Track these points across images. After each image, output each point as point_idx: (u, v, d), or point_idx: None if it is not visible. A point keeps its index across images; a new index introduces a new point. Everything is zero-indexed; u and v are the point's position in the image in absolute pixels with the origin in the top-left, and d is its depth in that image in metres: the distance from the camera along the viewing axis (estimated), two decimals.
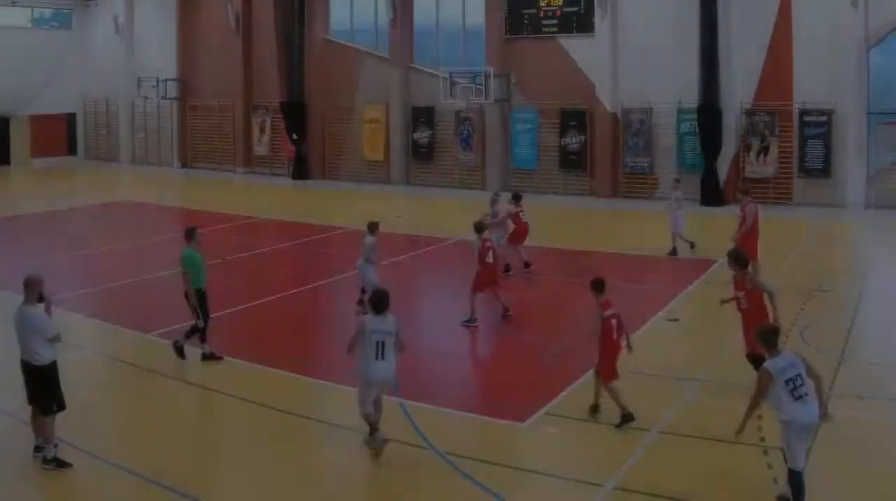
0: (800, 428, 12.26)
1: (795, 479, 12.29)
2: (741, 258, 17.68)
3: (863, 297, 25.34)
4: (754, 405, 12.81)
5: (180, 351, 19.89)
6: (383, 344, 14.96)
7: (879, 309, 24.75)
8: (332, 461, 15.26)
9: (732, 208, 41.26)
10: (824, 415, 12.57)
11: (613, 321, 16.47)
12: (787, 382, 12.26)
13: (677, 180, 34.43)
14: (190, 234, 20.41)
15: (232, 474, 14.99)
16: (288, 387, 18.51)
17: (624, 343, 16.73)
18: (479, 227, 23.85)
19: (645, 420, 15.75)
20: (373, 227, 24.61)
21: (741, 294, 17.37)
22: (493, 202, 29.95)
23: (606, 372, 16.27)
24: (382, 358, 14.92)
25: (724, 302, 18.26)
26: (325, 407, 17.51)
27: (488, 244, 23.35)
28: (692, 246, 31.48)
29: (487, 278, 22.99)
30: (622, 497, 13.24)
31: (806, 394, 12.28)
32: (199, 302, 19.89)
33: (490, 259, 23.04)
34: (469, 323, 22.65)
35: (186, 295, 20.01)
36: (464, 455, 14.58)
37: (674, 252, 31.49)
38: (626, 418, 15.92)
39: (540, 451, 15.46)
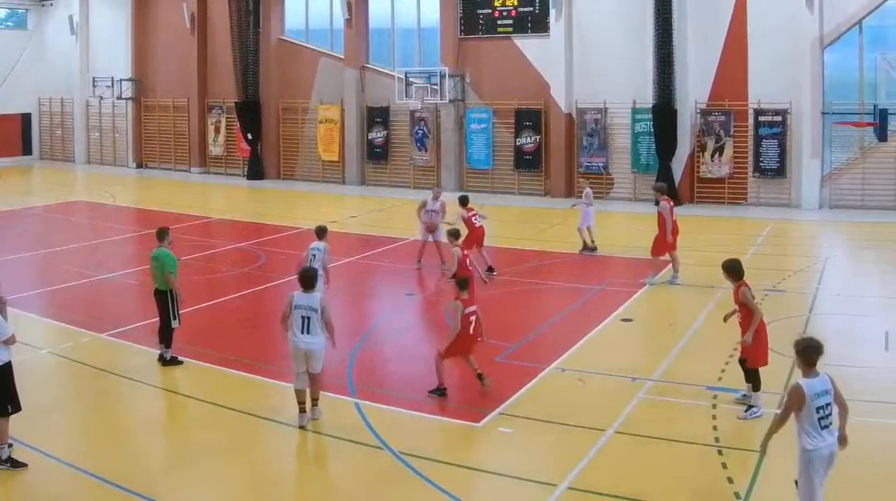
0: (821, 458, 11.17)
1: None
2: (733, 269, 16.92)
3: (818, 297, 24.79)
4: (782, 421, 11.58)
5: (174, 361, 19.40)
6: (309, 319, 15.67)
7: (834, 308, 24.11)
8: (289, 461, 15.12)
9: (687, 208, 41.39)
10: (843, 441, 11.46)
11: (472, 317, 16.91)
12: (818, 409, 11.18)
13: (586, 178, 34.27)
14: (162, 234, 19.91)
15: (189, 475, 14.49)
16: (245, 388, 18.08)
17: (480, 339, 17.38)
18: (455, 234, 22.56)
19: (600, 421, 15.53)
20: (323, 232, 22.81)
21: (736, 305, 16.69)
22: (436, 197, 29.05)
23: (450, 353, 16.86)
24: (307, 332, 15.66)
25: (727, 317, 17.26)
26: (282, 408, 16.77)
27: (466, 251, 22.26)
28: (593, 247, 31.16)
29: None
30: (577, 497, 12.97)
31: (831, 424, 11.32)
32: (172, 302, 19.34)
33: (471, 267, 21.85)
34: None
35: (157, 296, 19.45)
36: (419, 455, 14.34)
37: (586, 247, 31.09)
38: (439, 391, 16.86)
39: (495, 451, 15.17)
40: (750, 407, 15.84)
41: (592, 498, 12.89)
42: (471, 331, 17.04)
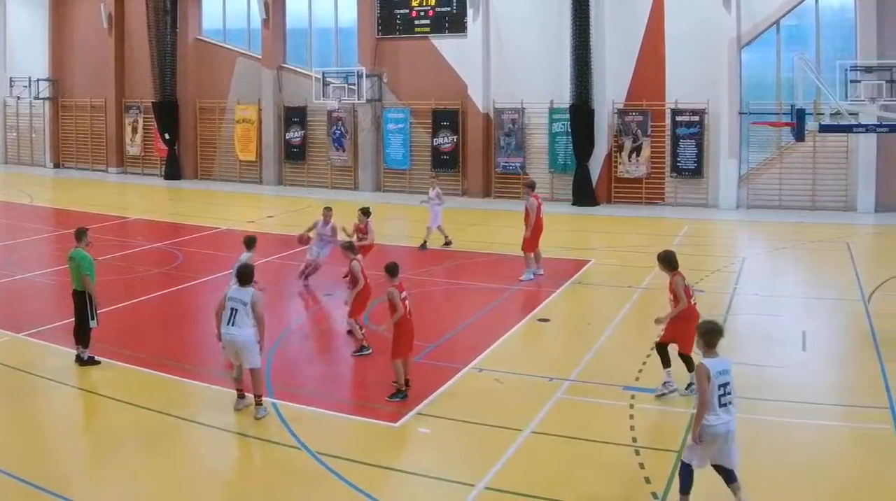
0: (715, 434, 11.26)
1: (682, 469, 11.58)
2: (667, 259, 16.43)
3: (735, 297, 23.68)
4: (702, 402, 11.36)
5: (91, 361, 18.13)
6: (236, 311, 15.30)
7: (752, 308, 22.77)
8: (208, 462, 14.15)
9: (604, 208, 40.24)
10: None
11: (408, 302, 16.38)
12: (719, 386, 11.31)
13: (435, 177, 32.75)
14: (80, 235, 18.67)
15: (106, 475, 13.60)
16: (162, 388, 17.00)
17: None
18: (351, 247, 20.05)
19: (517, 421, 14.88)
20: (251, 242, 20.61)
21: (670, 296, 16.31)
22: (326, 216, 26.06)
23: (399, 350, 16.17)
24: (233, 324, 15.29)
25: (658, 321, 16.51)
26: (200, 408, 16.05)
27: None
28: (448, 241, 30.27)
29: (366, 298, 19.45)
30: (494, 497, 12.38)
31: (731, 403, 11.43)
32: (89, 302, 18.18)
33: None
34: (361, 352, 18.88)
35: (73, 296, 18.27)
36: (337, 455, 13.67)
37: (423, 246, 30.01)
38: (400, 394, 16.04)
39: (413, 451, 14.61)
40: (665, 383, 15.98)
41: (509, 498, 12.31)
42: (409, 316, 16.36)
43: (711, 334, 11.62)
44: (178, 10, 51.95)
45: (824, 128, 24.09)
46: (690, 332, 14.78)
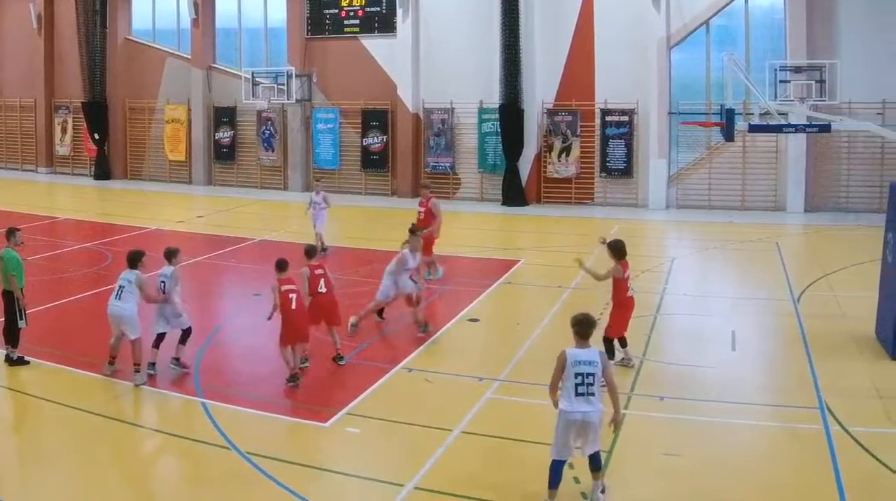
0: (572, 421, 11.19)
1: (551, 466, 11.33)
2: (615, 247, 16.83)
3: (665, 297, 22.64)
4: (552, 386, 11.51)
5: (20, 361, 17.24)
6: (122, 288, 16.03)
7: (681, 308, 21.80)
8: (137, 462, 13.54)
9: (534, 208, 38.60)
10: (614, 421, 11.50)
11: (292, 295, 16.20)
12: (576, 375, 11.20)
13: (318, 180, 30.74)
14: (9, 235, 17.80)
15: (35, 475, 12.81)
16: (92, 388, 16.09)
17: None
18: (311, 252, 18.06)
19: (447, 421, 14.28)
20: (172, 255, 17.25)
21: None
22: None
23: (283, 339, 16.14)
24: (119, 299, 16.01)
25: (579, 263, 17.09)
26: (129, 408, 15.50)
27: (319, 272, 17.72)
28: (324, 249, 27.15)
29: (319, 310, 17.38)
30: (424, 497, 11.90)
31: (592, 395, 11.19)
32: (18, 302, 17.29)
33: (322, 288, 17.37)
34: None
35: (3, 296, 17.40)
36: (266, 455, 13.01)
37: (323, 249, 27.22)
38: (293, 378, 15.99)
39: (342, 451, 13.80)
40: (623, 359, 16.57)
41: (439, 498, 11.83)
42: (293, 307, 16.11)
43: (582, 325, 11.46)
44: (108, 10, 48.55)
45: (754, 129, 22.78)
46: (617, 316, 16.42)
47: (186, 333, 16.84)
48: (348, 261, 26.96)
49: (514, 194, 38.80)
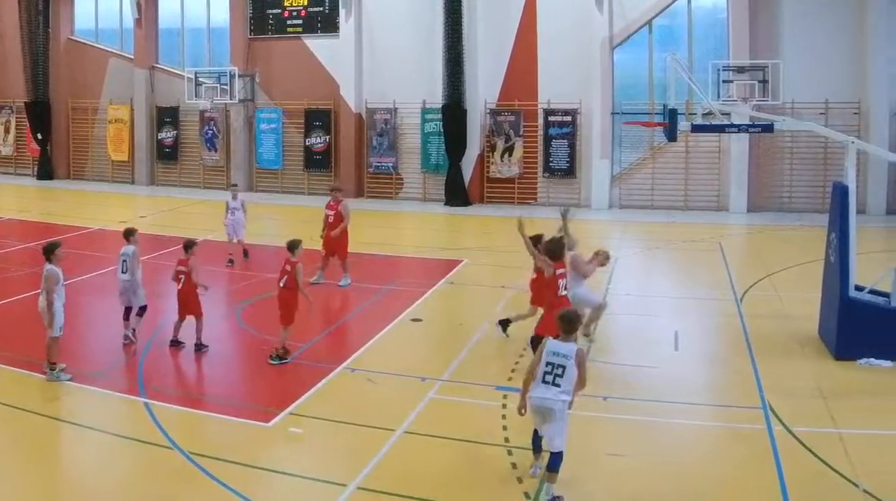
0: (531, 407, 11.18)
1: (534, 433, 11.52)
2: (550, 250, 15.44)
3: (608, 297, 20.77)
4: (529, 368, 11.41)
5: None
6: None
7: (624, 309, 20.64)
8: (79, 462, 12.90)
9: (477, 208, 36.70)
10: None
11: (181, 276, 16.77)
12: (547, 364, 11.06)
13: (235, 185, 28.30)
14: None
15: None
16: (35, 388, 15.35)
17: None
18: (293, 246, 17.42)
19: (389, 421, 13.70)
20: (130, 233, 18.02)
21: (571, 272, 16.36)
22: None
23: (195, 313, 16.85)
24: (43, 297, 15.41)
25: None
26: (73, 408, 14.59)
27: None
28: (231, 261, 25.29)
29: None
30: (366, 497, 11.32)
31: (557, 385, 10.98)
32: None
33: (283, 283, 17.21)
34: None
35: None
36: (210, 455, 12.43)
37: (242, 255, 25.71)
38: (175, 341, 16.69)
39: (285, 451, 13.12)
40: None
41: (382, 499, 11.34)
42: (179, 286, 16.87)
43: (564, 321, 11.37)
44: (51, 10, 45.65)
45: (696, 129, 21.30)
46: (551, 319, 14.14)
47: (143, 309, 17.46)
48: (268, 260, 25.36)
49: (456, 194, 36.77)
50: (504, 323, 17.72)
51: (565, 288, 15.39)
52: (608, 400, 14.41)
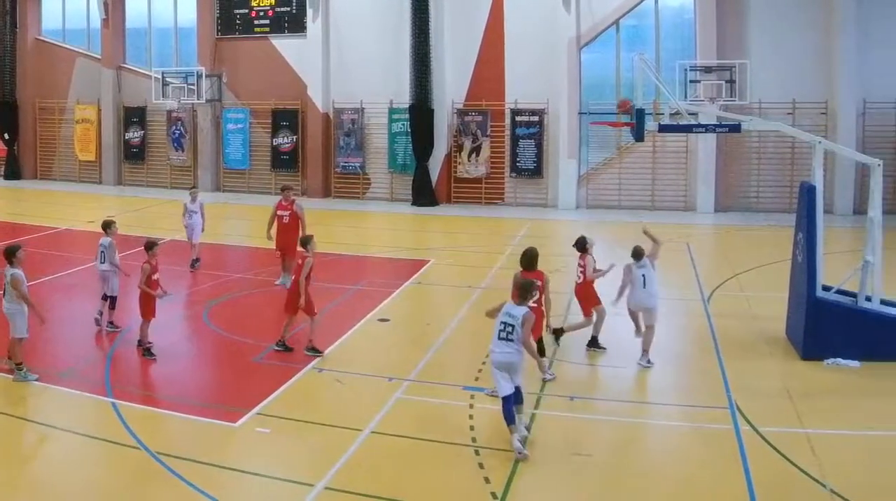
0: (492, 362, 12.24)
1: (503, 405, 12.08)
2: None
3: (574, 297, 19.43)
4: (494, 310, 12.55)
5: None
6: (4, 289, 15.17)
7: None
8: (45, 461, 12.41)
9: (444, 208, 35.56)
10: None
11: (155, 276, 16.37)
12: (500, 323, 12.19)
13: (194, 188, 26.62)
14: None
15: None
16: (0, 389, 14.87)
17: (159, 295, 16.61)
18: (306, 240, 17.51)
19: (357, 421, 13.28)
20: (107, 225, 18.42)
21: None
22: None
23: (146, 312, 16.32)
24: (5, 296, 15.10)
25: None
26: (38, 408, 14.17)
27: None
28: (194, 263, 23.98)
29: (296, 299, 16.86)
30: (333, 496, 10.98)
31: (511, 341, 12.06)
32: None
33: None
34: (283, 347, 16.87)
35: None
36: (177, 455, 11.97)
37: (195, 262, 24.05)
38: (140, 345, 16.27)
39: (252, 451, 12.64)
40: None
41: (349, 498, 10.96)
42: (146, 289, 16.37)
43: (518, 288, 12.46)
44: (18, 10, 44.01)
45: (664, 129, 20.50)
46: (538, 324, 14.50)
47: (113, 300, 17.70)
48: (256, 261, 25.06)
49: (424, 194, 35.51)
50: (557, 333, 16.82)
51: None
52: (575, 400, 14.02)
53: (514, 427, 11.98)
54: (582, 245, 16.65)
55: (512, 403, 12.06)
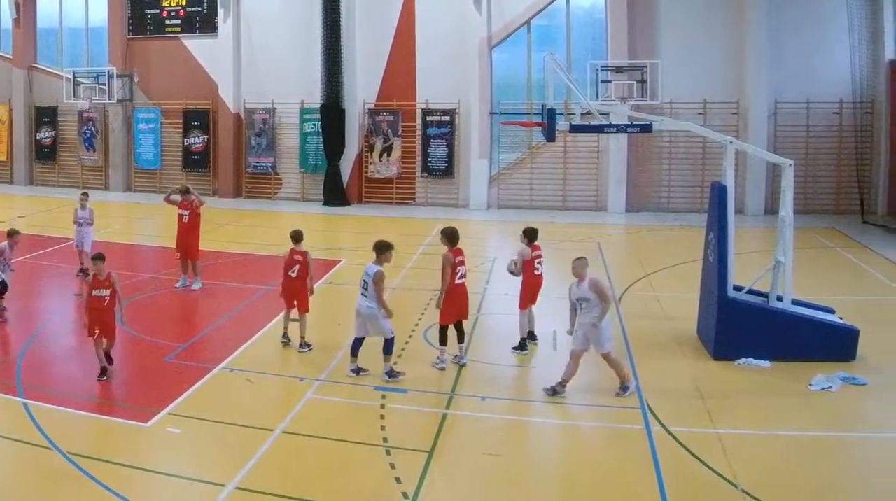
0: (356, 313, 13.32)
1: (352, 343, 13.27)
2: (449, 235, 14.46)
3: (486, 297, 19.53)
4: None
5: None
6: None
7: (502, 308, 18.41)
8: None
9: (356, 208, 32.85)
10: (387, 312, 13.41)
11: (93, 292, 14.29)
12: (362, 280, 13.16)
13: (85, 194, 23.22)
14: None
15: None
16: None
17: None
18: (299, 236, 16.64)
19: (268, 421, 12.20)
20: (10, 235, 17.12)
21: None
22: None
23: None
24: None
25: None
26: None
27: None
28: (82, 271, 20.73)
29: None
30: (245, 497, 10.17)
31: (364, 295, 13.22)
32: None
33: (294, 273, 15.96)
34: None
35: None
36: (88, 455, 11.03)
37: (83, 271, 20.72)
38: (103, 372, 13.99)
39: (164, 451, 11.61)
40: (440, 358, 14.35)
41: (260, 498, 10.02)
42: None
43: (375, 248, 13.29)
44: None
45: (575, 129, 18.61)
46: (445, 305, 14.10)
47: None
48: (162, 261, 23.21)
49: (335, 194, 32.24)
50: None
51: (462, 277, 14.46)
52: (486, 401, 13.13)
53: (354, 359, 13.54)
54: (535, 235, 15.54)
55: (358, 345, 13.47)
